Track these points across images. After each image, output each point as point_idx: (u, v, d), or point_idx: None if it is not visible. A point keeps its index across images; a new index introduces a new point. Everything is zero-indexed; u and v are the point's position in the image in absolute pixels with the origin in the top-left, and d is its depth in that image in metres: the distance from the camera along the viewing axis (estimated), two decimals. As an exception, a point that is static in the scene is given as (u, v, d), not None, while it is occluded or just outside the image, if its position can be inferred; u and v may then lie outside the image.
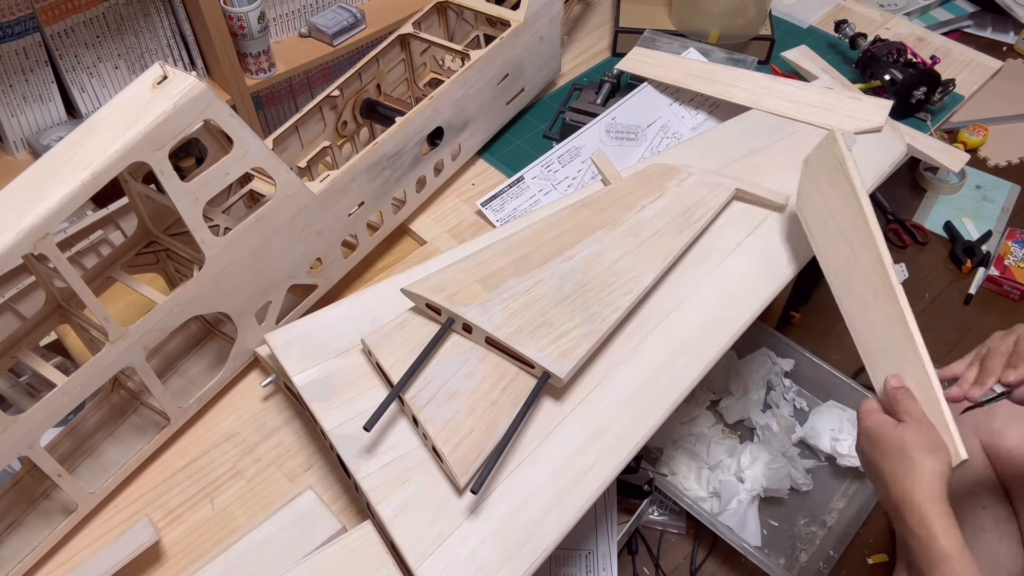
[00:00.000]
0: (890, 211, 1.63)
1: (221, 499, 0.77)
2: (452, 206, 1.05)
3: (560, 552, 0.99)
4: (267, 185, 0.87)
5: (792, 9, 1.42)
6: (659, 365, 0.76)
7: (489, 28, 1.12)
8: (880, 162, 0.97)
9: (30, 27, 1.24)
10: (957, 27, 2.13)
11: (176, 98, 0.63)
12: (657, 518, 1.16)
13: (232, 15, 1.36)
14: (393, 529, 0.64)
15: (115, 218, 0.82)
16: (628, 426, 0.72)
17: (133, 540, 0.69)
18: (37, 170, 0.63)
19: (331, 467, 0.79)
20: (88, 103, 1.37)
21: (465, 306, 0.73)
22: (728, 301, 0.82)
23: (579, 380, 0.74)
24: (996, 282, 1.51)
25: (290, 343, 0.77)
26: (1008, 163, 1.77)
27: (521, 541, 0.64)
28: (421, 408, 0.68)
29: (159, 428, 0.78)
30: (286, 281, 0.83)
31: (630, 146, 1.07)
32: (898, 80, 1.16)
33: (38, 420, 0.66)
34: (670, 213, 0.86)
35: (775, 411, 1.24)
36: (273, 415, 0.83)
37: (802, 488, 1.17)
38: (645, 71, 1.12)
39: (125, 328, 0.68)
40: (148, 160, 0.63)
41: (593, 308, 0.75)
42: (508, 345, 0.71)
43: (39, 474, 0.73)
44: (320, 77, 1.67)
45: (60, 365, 0.91)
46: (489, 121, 1.09)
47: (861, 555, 1.14)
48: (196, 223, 0.69)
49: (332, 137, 1.00)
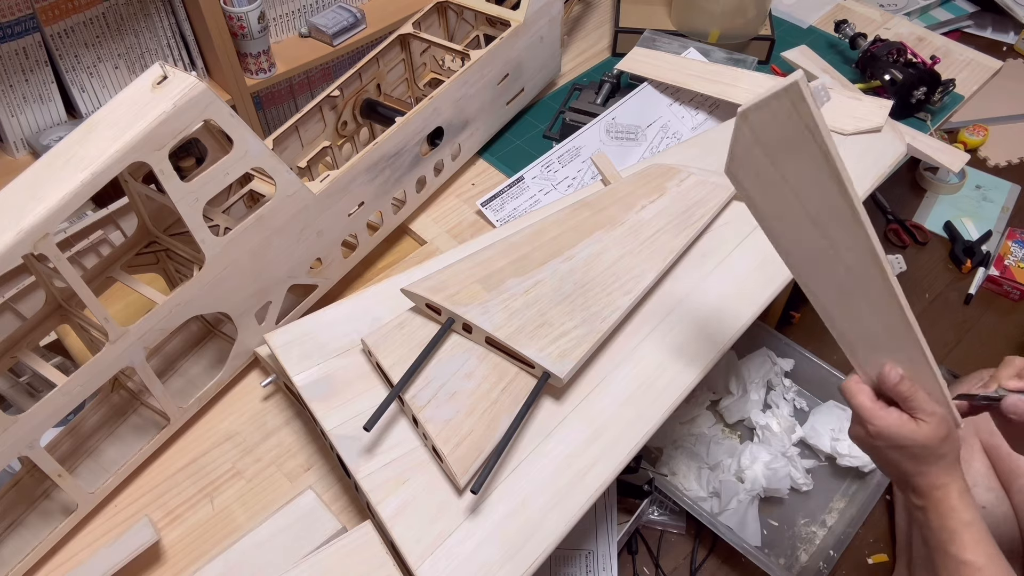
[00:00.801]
0: (890, 211, 1.63)
1: (221, 499, 0.77)
2: (452, 206, 1.05)
3: (560, 552, 0.99)
4: (267, 185, 0.87)
5: (792, 9, 1.42)
6: (659, 365, 0.76)
7: (489, 28, 1.12)
8: (880, 162, 0.97)
9: (30, 27, 1.24)
10: (957, 27, 2.13)
11: (176, 98, 0.63)
12: (657, 518, 1.16)
13: (232, 15, 1.36)
14: (393, 529, 0.64)
15: (115, 218, 0.82)
16: (628, 426, 0.72)
17: (133, 540, 0.69)
18: (37, 170, 0.63)
19: (331, 467, 0.79)
20: (88, 103, 1.37)
21: (465, 306, 0.73)
22: (728, 301, 0.82)
23: (579, 380, 0.74)
24: (996, 282, 1.51)
25: (290, 343, 0.77)
26: (1008, 163, 1.77)
27: (521, 541, 0.64)
28: (421, 408, 0.68)
29: (159, 428, 0.78)
30: (286, 281, 0.83)
31: (630, 146, 1.07)
32: (898, 80, 1.16)
33: (38, 420, 0.66)
34: (670, 213, 0.86)
35: (775, 411, 1.24)
36: (273, 415, 0.83)
37: (802, 488, 1.17)
38: (645, 71, 1.12)
39: (125, 328, 0.68)
40: (148, 160, 0.63)
41: (593, 308, 0.75)
42: (508, 345, 0.71)
43: (39, 474, 0.73)
44: (320, 77, 1.67)
45: (60, 365, 0.91)
46: (489, 121, 1.09)
47: (861, 555, 1.14)
48: (196, 223, 0.69)
49: (332, 137, 1.00)
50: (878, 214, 1.63)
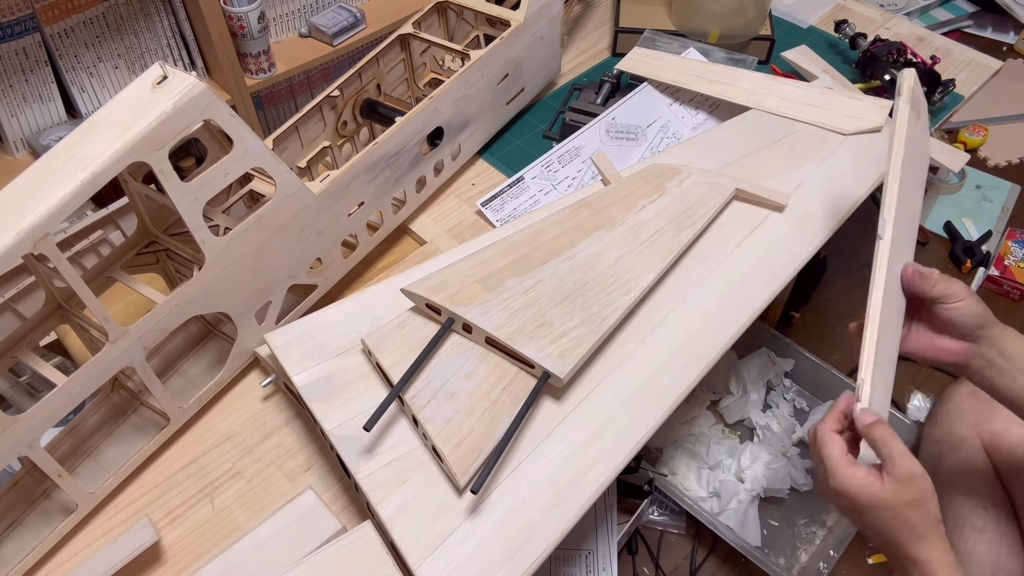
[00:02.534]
0: (890, 211, 1.62)
1: (221, 499, 0.77)
2: (452, 206, 1.05)
3: (560, 552, 0.99)
4: (267, 185, 0.87)
5: (792, 9, 1.42)
6: (659, 365, 0.76)
7: (489, 28, 1.12)
8: (880, 162, 0.97)
9: (30, 27, 1.25)
10: (957, 27, 2.13)
11: (176, 98, 0.63)
12: (657, 518, 1.16)
13: (232, 15, 1.37)
14: (393, 529, 0.64)
15: (115, 218, 0.82)
16: (628, 426, 0.72)
17: (133, 540, 0.69)
18: (37, 170, 0.63)
19: (331, 467, 0.79)
20: (88, 103, 1.37)
21: (465, 306, 0.73)
22: (728, 301, 0.82)
23: (579, 380, 0.74)
24: (996, 282, 1.51)
25: (290, 343, 0.77)
26: (1008, 163, 1.77)
27: (521, 541, 0.64)
28: (421, 408, 0.68)
29: (159, 428, 0.78)
30: (286, 281, 0.83)
31: (630, 146, 1.07)
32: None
33: (38, 420, 0.66)
34: (670, 213, 0.86)
35: (775, 411, 1.24)
36: (273, 415, 0.83)
37: (802, 488, 1.17)
38: (645, 71, 1.12)
39: (125, 328, 0.68)
40: (148, 160, 0.63)
41: (593, 308, 0.75)
42: (508, 345, 0.71)
43: (39, 474, 0.73)
44: (320, 77, 1.67)
45: (60, 365, 0.91)
46: (489, 121, 1.09)
47: (861, 555, 1.14)
48: (196, 223, 0.69)
49: (332, 137, 1.00)
50: (878, 214, 1.62)
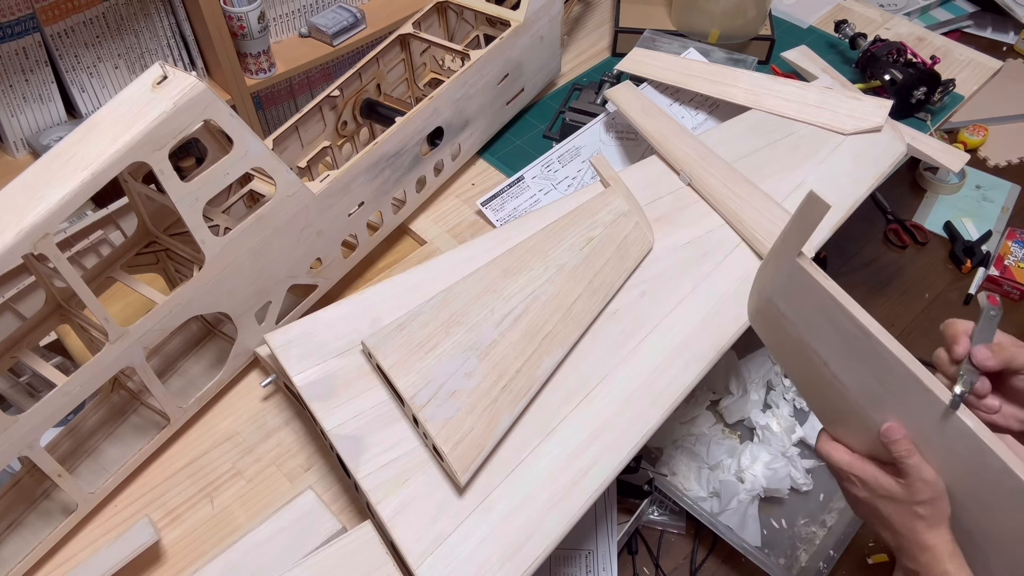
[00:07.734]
0: (890, 211, 1.62)
1: (221, 499, 0.77)
2: (452, 206, 1.05)
3: (560, 552, 0.99)
4: (267, 185, 0.87)
5: (792, 9, 1.42)
6: (659, 365, 0.76)
7: (489, 28, 1.12)
8: (880, 162, 0.97)
9: (30, 27, 1.25)
10: (957, 27, 2.13)
11: (176, 98, 0.63)
12: (657, 518, 1.15)
13: (232, 15, 1.37)
14: (393, 529, 0.64)
15: (115, 218, 0.82)
16: (628, 426, 0.72)
17: (133, 540, 0.69)
18: (37, 170, 0.63)
19: (331, 467, 0.79)
20: (88, 103, 1.37)
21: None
22: (728, 301, 0.82)
23: (579, 380, 0.74)
24: (996, 282, 1.51)
25: (290, 343, 0.77)
26: (1008, 163, 1.77)
27: (521, 541, 0.64)
28: (421, 407, 0.68)
29: (159, 428, 0.78)
30: (286, 281, 0.83)
31: (630, 146, 1.07)
32: (898, 80, 1.16)
33: (38, 420, 0.66)
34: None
35: (775, 411, 1.24)
36: (273, 415, 0.83)
37: (802, 488, 1.17)
38: (645, 71, 1.12)
39: (125, 328, 0.68)
40: (148, 160, 0.63)
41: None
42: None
43: (39, 474, 0.73)
44: (320, 77, 1.67)
45: (60, 365, 0.91)
46: (489, 121, 1.09)
47: (861, 555, 1.14)
48: (196, 223, 0.69)
49: (332, 137, 1.00)
50: (878, 214, 1.62)
